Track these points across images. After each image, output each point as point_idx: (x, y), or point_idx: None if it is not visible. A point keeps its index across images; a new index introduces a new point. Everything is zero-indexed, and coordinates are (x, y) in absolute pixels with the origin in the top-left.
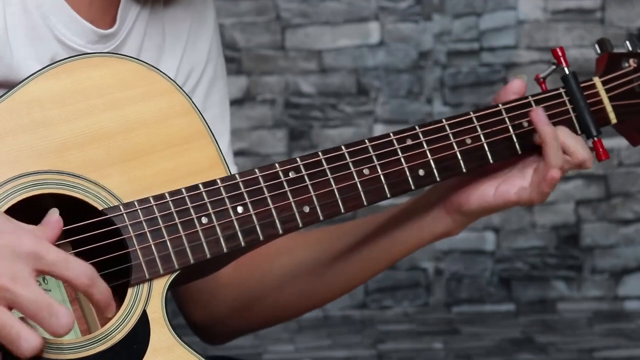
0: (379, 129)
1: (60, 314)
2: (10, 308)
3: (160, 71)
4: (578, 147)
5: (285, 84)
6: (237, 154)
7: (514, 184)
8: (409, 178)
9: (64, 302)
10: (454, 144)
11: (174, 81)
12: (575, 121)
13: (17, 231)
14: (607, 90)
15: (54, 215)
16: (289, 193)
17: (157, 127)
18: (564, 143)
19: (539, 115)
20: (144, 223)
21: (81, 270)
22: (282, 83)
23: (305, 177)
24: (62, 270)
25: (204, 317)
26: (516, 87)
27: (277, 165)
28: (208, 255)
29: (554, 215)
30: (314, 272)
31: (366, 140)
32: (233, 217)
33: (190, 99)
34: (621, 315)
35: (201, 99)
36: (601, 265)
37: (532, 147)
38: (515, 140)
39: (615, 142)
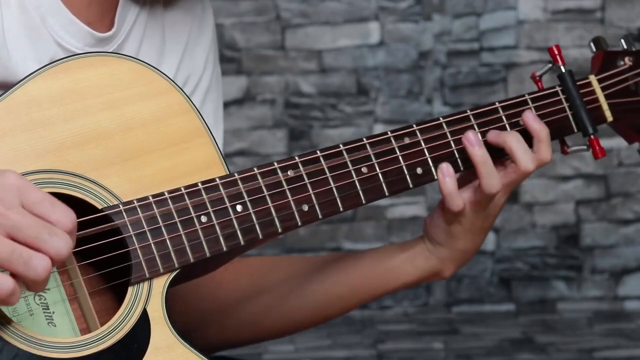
0: (379, 129)
1: (60, 233)
2: (9, 236)
3: (158, 70)
4: (525, 157)
5: (285, 84)
6: (237, 154)
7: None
8: (407, 176)
9: (62, 302)
10: (452, 142)
11: (172, 80)
12: (571, 119)
13: (2, 170)
14: (603, 89)
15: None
16: (287, 192)
17: (155, 126)
18: (511, 151)
19: (469, 138)
20: (143, 222)
21: (66, 214)
22: (282, 83)
23: (304, 176)
24: (47, 209)
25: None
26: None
27: (275, 163)
28: (208, 254)
29: (554, 215)
30: (292, 289)
31: (364, 139)
32: (232, 216)
33: (189, 98)
34: (621, 315)
35: (198, 107)
36: (601, 265)
37: (530, 146)
38: None
39: (615, 142)
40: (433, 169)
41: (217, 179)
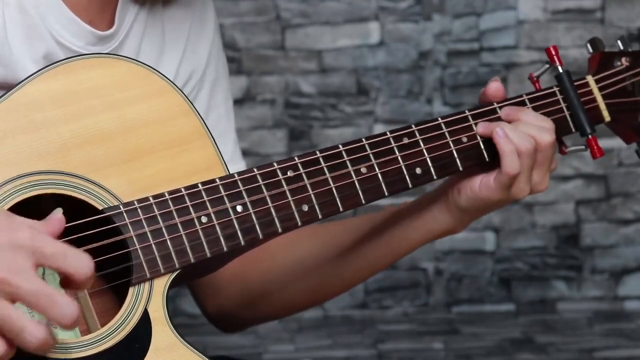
0: (379, 129)
1: (62, 303)
2: (12, 302)
3: (158, 72)
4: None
5: (285, 84)
6: None
7: (495, 174)
8: (406, 176)
9: None
10: (450, 143)
11: (172, 82)
12: (569, 119)
13: (14, 225)
14: (600, 89)
15: (57, 214)
16: (287, 192)
17: (155, 127)
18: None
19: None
20: (144, 222)
21: (81, 263)
22: (282, 83)
23: (304, 176)
24: (61, 262)
25: (214, 309)
26: (494, 90)
27: (275, 164)
28: (208, 254)
29: (554, 215)
30: (316, 268)
31: (363, 139)
32: (232, 216)
33: (188, 99)
34: (621, 315)
35: (205, 101)
36: (601, 265)
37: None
38: None
39: (616, 142)
40: (432, 169)
41: (217, 180)
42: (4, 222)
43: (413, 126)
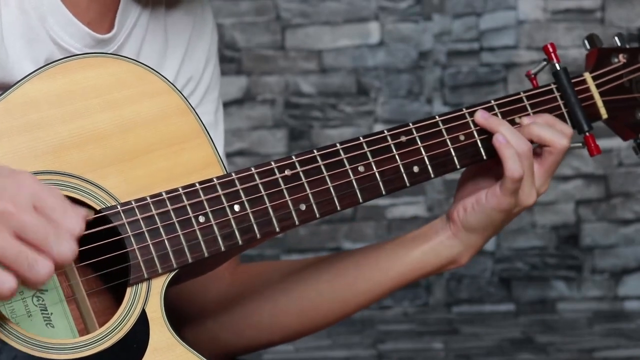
0: (379, 129)
1: (67, 237)
2: (17, 236)
3: (156, 71)
4: (555, 137)
5: (285, 84)
6: (237, 154)
7: (500, 182)
8: (404, 175)
9: (60, 303)
10: (448, 141)
11: (170, 82)
12: (566, 116)
13: (18, 174)
14: (598, 86)
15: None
16: (285, 191)
17: (153, 127)
18: (539, 136)
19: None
20: (141, 222)
21: (77, 221)
22: (282, 83)
23: (301, 175)
24: (59, 216)
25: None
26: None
27: (272, 163)
28: (206, 254)
29: (554, 215)
30: (309, 289)
31: (360, 138)
32: (230, 216)
33: (186, 99)
34: (621, 315)
35: (195, 106)
36: (601, 265)
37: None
38: None
39: (616, 142)
40: (430, 167)
41: (215, 179)
42: (5, 170)
43: (410, 124)
